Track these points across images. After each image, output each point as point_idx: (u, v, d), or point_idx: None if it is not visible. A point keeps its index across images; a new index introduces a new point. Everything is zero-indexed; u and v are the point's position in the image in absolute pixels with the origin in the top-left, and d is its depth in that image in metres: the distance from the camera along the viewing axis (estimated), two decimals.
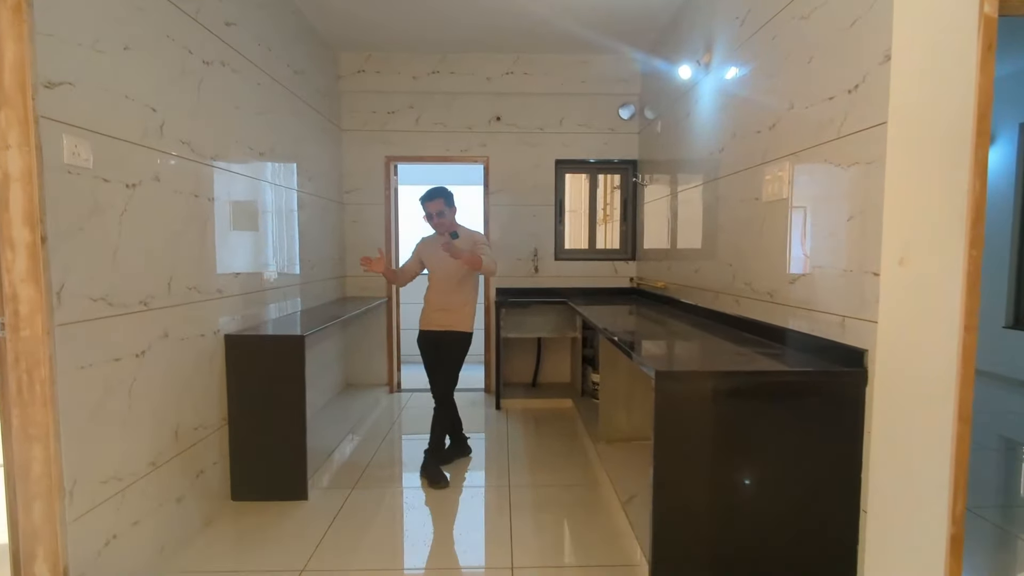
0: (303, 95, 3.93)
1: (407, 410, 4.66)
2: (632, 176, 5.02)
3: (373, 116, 4.90)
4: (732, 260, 2.97)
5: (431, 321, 3.40)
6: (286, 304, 3.64)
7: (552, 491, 3.08)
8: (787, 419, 1.90)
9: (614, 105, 4.94)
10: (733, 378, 1.90)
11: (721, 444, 1.89)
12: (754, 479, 1.90)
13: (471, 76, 4.84)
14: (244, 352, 2.82)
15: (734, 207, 2.94)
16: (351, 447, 3.71)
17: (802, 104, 2.27)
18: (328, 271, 4.56)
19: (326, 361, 4.55)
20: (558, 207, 5.06)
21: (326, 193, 4.50)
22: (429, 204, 3.28)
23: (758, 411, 1.90)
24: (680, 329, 3.02)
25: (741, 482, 1.90)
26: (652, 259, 4.64)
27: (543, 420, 4.32)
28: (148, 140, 2.19)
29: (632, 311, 4.06)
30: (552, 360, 5.16)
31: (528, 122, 4.94)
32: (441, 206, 3.27)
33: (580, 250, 5.23)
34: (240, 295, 2.98)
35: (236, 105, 2.93)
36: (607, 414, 3.57)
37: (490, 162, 4.95)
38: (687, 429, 1.87)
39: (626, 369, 3.57)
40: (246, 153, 3.05)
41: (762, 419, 1.90)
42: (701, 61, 3.34)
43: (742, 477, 1.90)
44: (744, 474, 1.90)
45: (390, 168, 4.98)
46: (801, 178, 2.29)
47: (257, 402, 2.83)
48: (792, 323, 2.34)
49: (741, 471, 1.90)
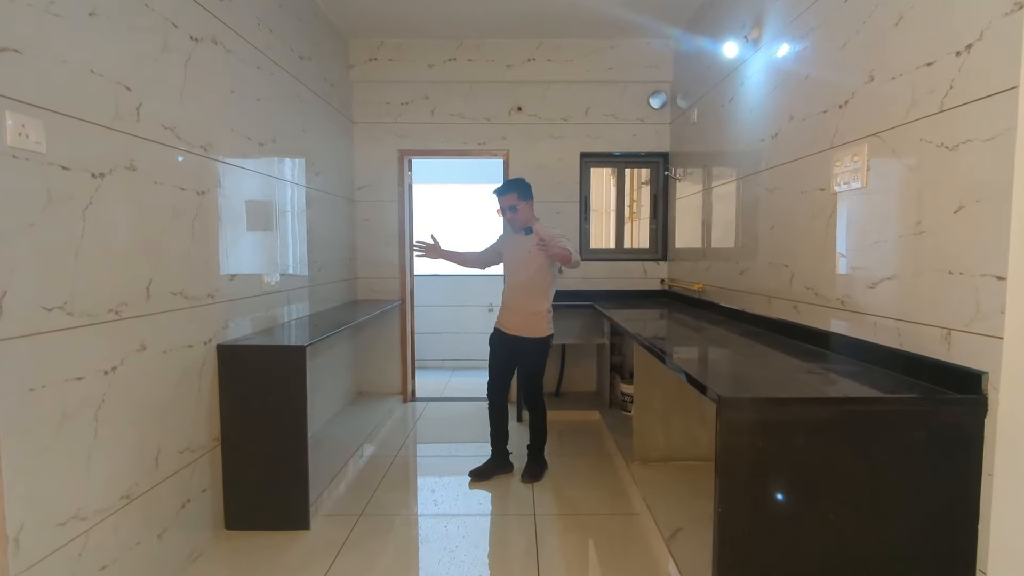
0: (309, 83, 3.64)
1: (422, 421, 4.35)
2: (663, 170, 4.66)
3: (386, 107, 4.60)
4: (788, 260, 2.60)
5: (506, 322, 3.25)
6: (291, 309, 3.35)
7: (582, 521, 2.74)
8: (882, 457, 1.54)
9: (644, 93, 4.58)
10: (818, 407, 1.54)
11: (800, 488, 1.53)
12: (840, 532, 1.54)
13: (490, 64, 4.52)
14: (239, 364, 2.53)
15: (791, 200, 2.57)
16: (360, 465, 3.41)
17: (886, 75, 1.91)
18: (338, 273, 4.27)
19: (335, 369, 4.26)
20: (583, 204, 4.72)
21: (336, 189, 4.21)
22: (502, 199, 3.16)
23: (845, 447, 1.54)
24: (728, 338, 2.66)
25: (824, 535, 1.54)
26: (686, 259, 4.27)
27: (569, 434, 3.98)
28: (121, 123, 1.90)
29: (665, 315, 3.70)
30: (577, 368, 4.82)
31: (551, 113, 4.60)
32: (514, 200, 3.14)
33: (607, 250, 4.88)
34: (237, 300, 2.69)
35: (231, 89, 2.64)
36: (642, 431, 3.22)
37: (510, 156, 4.62)
38: (759, 470, 1.52)
39: (662, 380, 3.21)
40: (243, 143, 2.76)
41: (851, 457, 1.54)
42: (748, 37, 2.98)
43: (826, 529, 1.54)
44: (828, 525, 1.54)
45: (404, 163, 4.68)
46: (885, 163, 1.92)
47: (254, 420, 2.53)
48: (873, 336, 1.97)
49: (824, 522, 1.54)
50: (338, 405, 4.30)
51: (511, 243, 3.27)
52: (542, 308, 3.17)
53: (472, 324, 6.25)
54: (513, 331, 3.18)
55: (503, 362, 3.27)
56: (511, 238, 3.30)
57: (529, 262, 3.11)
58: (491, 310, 6.18)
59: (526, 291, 3.15)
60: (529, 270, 3.13)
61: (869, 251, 2.00)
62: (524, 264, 3.13)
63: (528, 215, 3.18)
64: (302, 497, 2.59)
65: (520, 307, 3.16)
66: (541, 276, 3.14)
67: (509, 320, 3.21)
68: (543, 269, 3.13)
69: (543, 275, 3.15)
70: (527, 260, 3.11)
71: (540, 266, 3.11)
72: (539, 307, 3.16)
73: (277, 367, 2.54)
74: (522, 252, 3.14)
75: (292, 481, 2.57)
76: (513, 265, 3.22)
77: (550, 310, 3.21)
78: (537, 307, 3.15)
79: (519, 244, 3.18)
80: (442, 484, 3.17)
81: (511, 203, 3.13)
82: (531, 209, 3.20)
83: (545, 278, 3.16)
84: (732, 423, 1.50)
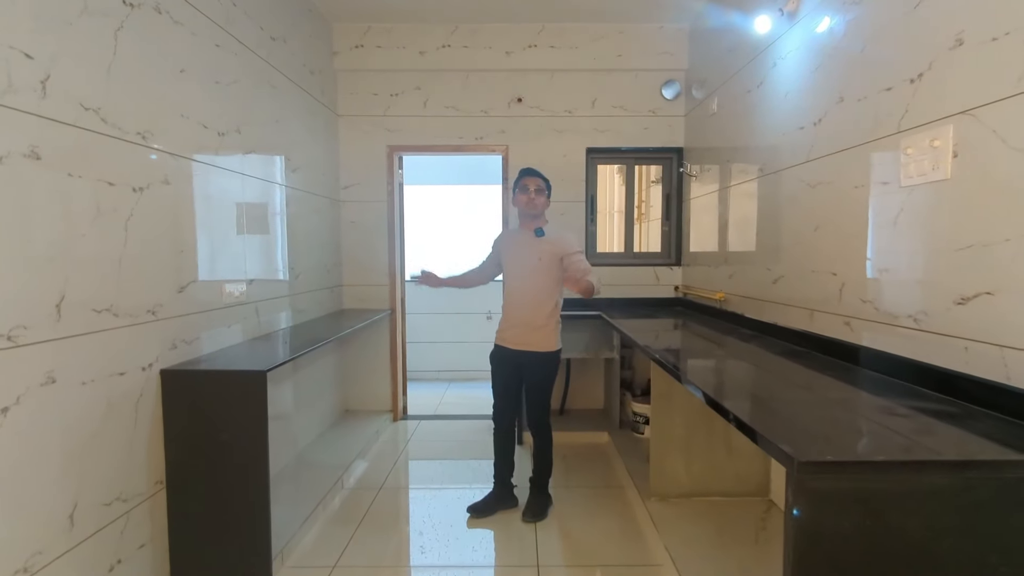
0: (284, 68, 3.25)
1: (414, 443, 3.94)
2: (678, 166, 4.26)
3: (374, 99, 4.20)
4: (838, 267, 2.20)
5: (509, 337, 2.83)
6: (264, 321, 2.95)
7: (594, 575, 2.33)
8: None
9: (656, 83, 4.19)
10: (940, 473, 1.14)
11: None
12: None
13: (488, 51, 4.13)
14: (188, 393, 2.13)
15: (841, 196, 2.18)
16: (338, 502, 3.00)
17: (981, 36, 1.51)
18: (321, 280, 3.87)
19: (319, 385, 3.86)
20: (589, 203, 4.32)
21: (318, 188, 3.82)
22: (529, 179, 2.80)
23: (970, 527, 1.14)
24: (766, 360, 2.26)
25: None
26: (702, 264, 3.87)
27: (575, 459, 3.57)
28: (14, 98, 1.50)
29: (682, 327, 3.31)
30: (582, 383, 4.41)
31: (554, 104, 4.21)
32: (541, 184, 2.81)
33: (615, 254, 4.48)
34: (190, 315, 2.29)
35: (180, 68, 2.24)
36: (660, 462, 2.82)
37: (510, 152, 4.22)
38: (851, 562, 1.12)
39: (683, 403, 2.81)
40: (197, 132, 2.36)
41: (979, 543, 1.14)
42: (784, 9, 2.58)
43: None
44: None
45: (394, 160, 4.28)
46: (980, 147, 1.52)
47: (206, 458, 2.13)
48: (964, 364, 1.57)
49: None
50: (320, 426, 3.89)
51: (514, 244, 2.85)
52: (551, 319, 2.77)
53: (469, 332, 5.85)
54: (518, 345, 2.78)
55: (510, 382, 2.85)
56: (514, 239, 2.87)
57: (538, 268, 2.72)
58: (489, 317, 5.78)
59: (533, 300, 2.75)
60: (537, 277, 2.74)
61: (955, 258, 1.60)
62: (532, 270, 2.74)
63: (544, 211, 2.84)
64: (263, 548, 2.18)
65: (525, 319, 2.76)
66: (551, 283, 2.75)
67: (512, 334, 2.80)
68: (553, 275, 2.74)
69: (553, 282, 2.76)
70: (536, 266, 2.72)
71: (550, 272, 2.73)
72: (547, 318, 2.76)
73: (233, 396, 2.13)
74: (530, 256, 2.74)
75: (251, 530, 2.16)
76: (518, 270, 2.80)
77: (559, 321, 2.82)
78: (545, 318, 2.75)
79: (526, 246, 2.77)
80: (433, 524, 2.76)
81: (540, 186, 2.78)
82: (547, 206, 2.86)
83: (556, 285, 2.77)
84: (815, 496, 1.10)
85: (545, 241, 2.73)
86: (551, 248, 2.71)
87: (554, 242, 2.72)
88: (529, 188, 2.76)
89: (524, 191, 2.77)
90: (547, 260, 2.71)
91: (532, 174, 2.80)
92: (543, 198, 2.79)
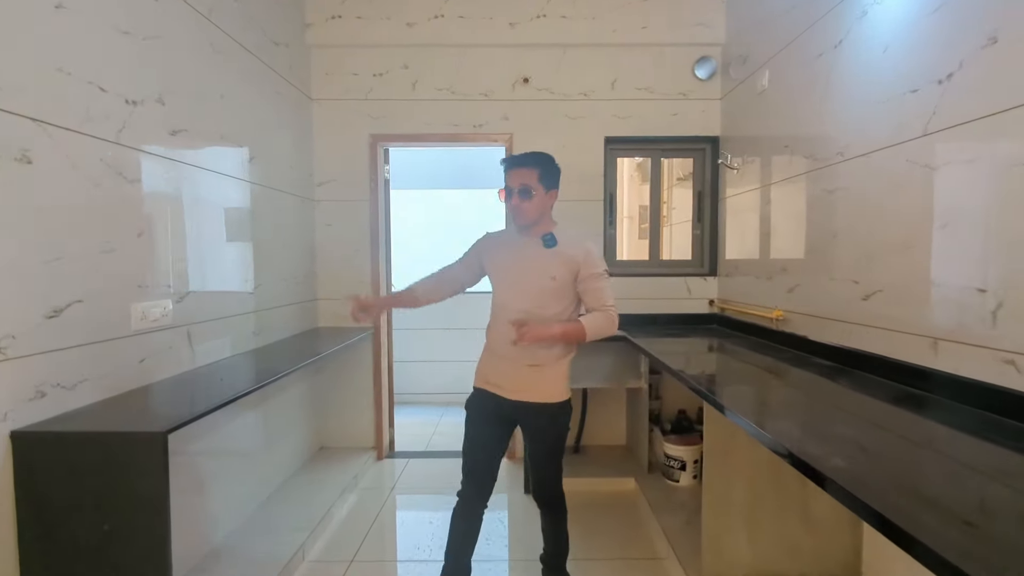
0: (235, 32, 2.61)
1: (401, 489, 3.27)
2: (713, 158, 3.61)
3: (354, 80, 3.56)
4: (989, 280, 1.54)
5: (499, 378, 2.00)
6: (202, 351, 2.30)
7: None
8: None
9: (687, 60, 3.55)
10: None
11: None
12: None
13: (488, 22, 3.49)
14: (52, 465, 1.47)
15: (989, 179, 1.52)
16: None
17: None
18: (289, 294, 3.21)
19: (285, 420, 3.20)
20: (608, 203, 3.67)
21: (285, 184, 3.17)
22: (513, 173, 1.93)
23: None
24: (866, 408, 1.60)
25: None
26: (744, 274, 3.21)
27: (596, 514, 2.89)
28: None
29: (723, 350, 2.66)
30: (600, 415, 3.74)
31: (567, 86, 3.57)
32: (532, 180, 1.91)
33: (638, 262, 3.82)
34: (69, 349, 1.64)
35: (55, 3, 1.60)
36: (715, 534, 2.14)
37: (514, 141, 3.58)
38: None
39: (746, 457, 2.14)
40: (85, 94, 1.71)
41: None
42: None
43: None
44: None
45: (378, 152, 3.64)
46: None
47: (80, 554, 1.47)
48: None
49: None
50: (286, 471, 3.22)
51: (511, 256, 2.00)
52: (564, 358, 1.99)
53: (468, 350, 5.13)
54: (515, 394, 1.97)
55: (490, 439, 2.03)
56: (510, 247, 2.02)
57: (549, 291, 1.92)
58: None
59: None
60: (546, 301, 1.93)
61: None
62: (540, 293, 1.93)
63: (546, 212, 1.98)
64: None
65: (525, 355, 1.93)
66: (566, 310, 1.97)
67: (505, 376, 1.98)
68: (568, 298, 1.97)
69: (569, 308, 1.98)
70: (547, 288, 1.92)
71: (566, 295, 1.96)
72: (560, 357, 1.98)
73: (119, 468, 1.47)
74: (536, 274, 1.93)
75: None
76: (514, 289, 1.97)
77: (572, 360, 2.05)
78: (556, 357, 1.97)
79: (530, 259, 1.95)
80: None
81: (526, 183, 1.90)
82: (552, 205, 2.01)
83: (573, 312, 2.00)
84: None
85: (559, 253, 1.93)
86: (567, 263, 1.92)
87: (572, 256, 1.93)
88: (512, 188, 1.92)
89: (508, 195, 1.94)
90: (563, 280, 1.93)
91: (518, 164, 1.95)
92: (531, 203, 1.91)
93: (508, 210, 1.97)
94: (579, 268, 1.93)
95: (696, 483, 3.07)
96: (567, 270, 1.93)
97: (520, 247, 1.99)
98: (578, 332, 1.90)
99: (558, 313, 1.94)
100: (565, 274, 1.93)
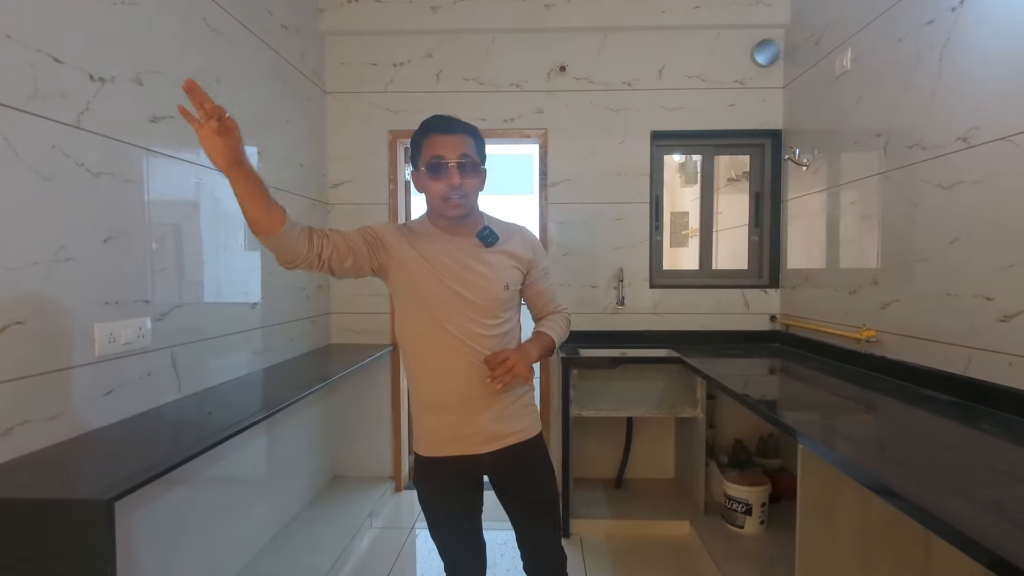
0: (236, 10, 2.28)
1: (422, 528, 2.89)
2: (775, 154, 3.19)
3: (372, 71, 3.23)
4: None
5: (466, 435, 1.48)
6: (192, 377, 1.96)
7: None
8: None
9: (746, 44, 3.14)
10: None
11: None
12: None
13: (521, 4, 3.13)
14: None
15: None
16: None
17: None
18: (298, 308, 2.87)
19: (294, 449, 2.84)
20: (655, 206, 3.26)
21: (297, 186, 2.83)
22: (446, 139, 1.41)
23: None
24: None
25: None
26: (814, 286, 2.79)
27: (645, 564, 2.48)
28: None
29: (796, 376, 2.22)
30: (645, 444, 3.31)
31: (608, 75, 3.18)
32: (472, 150, 1.44)
33: (688, 272, 3.40)
34: (8, 383, 1.29)
35: None
36: None
37: (549, 138, 3.20)
38: None
39: (852, 513, 1.71)
40: (37, 65, 1.38)
41: None
42: None
43: None
44: None
45: (398, 150, 3.29)
46: None
47: None
48: None
49: None
50: (294, 506, 2.86)
51: (441, 260, 1.45)
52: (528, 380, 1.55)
53: None
54: (488, 444, 1.49)
55: (467, 523, 1.57)
56: (437, 247, 1.46)
57: (498, 301, 1.49)
58: None
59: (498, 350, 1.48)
60: (496, 316, 1.49)
61: None
62: (491, 303, 1.47)
63: (477, 194, 1.51)
64: None
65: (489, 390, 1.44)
66: (514, 325, 1.57)
67: (472, 425, 1.48)
68: (514, 307, 1.58)
69: (512, 318, 1.56)
70: (496, 298, 1.48)
71: (513, 305, 1.56)
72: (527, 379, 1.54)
73: (53, 545, 1.12)
74: (482, 282, 1.47)
75: None
76: (456, 308, 1.45)
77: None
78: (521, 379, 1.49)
79: (469, 264, 1.47)
80: None
81: (465, 151, 1.41)
82: (483, 182, 1.53)
83: (514, 323, 1.58)
84: None
85: (505, 253, 1.51)
86: (517, 264, 1.53)
87: (519, 253, 1.54)
88: (444, 162, 1.40)
89: (438, 171, 1.40)
90: (515, 286, 1.54)
91: (453, 128, 1.43)
92: (476, 181, 1.47)
93: (435, 195, 1.43)
94: (530, 267, 1.57)
95: (764, 530, 2.63)
96: (517, 272, 1.54)
97: (454, 249, 1.47)
98: (550, 348, 1.57)
99: (511, 330, 1.54)
100: (516, 278, 1.54)
